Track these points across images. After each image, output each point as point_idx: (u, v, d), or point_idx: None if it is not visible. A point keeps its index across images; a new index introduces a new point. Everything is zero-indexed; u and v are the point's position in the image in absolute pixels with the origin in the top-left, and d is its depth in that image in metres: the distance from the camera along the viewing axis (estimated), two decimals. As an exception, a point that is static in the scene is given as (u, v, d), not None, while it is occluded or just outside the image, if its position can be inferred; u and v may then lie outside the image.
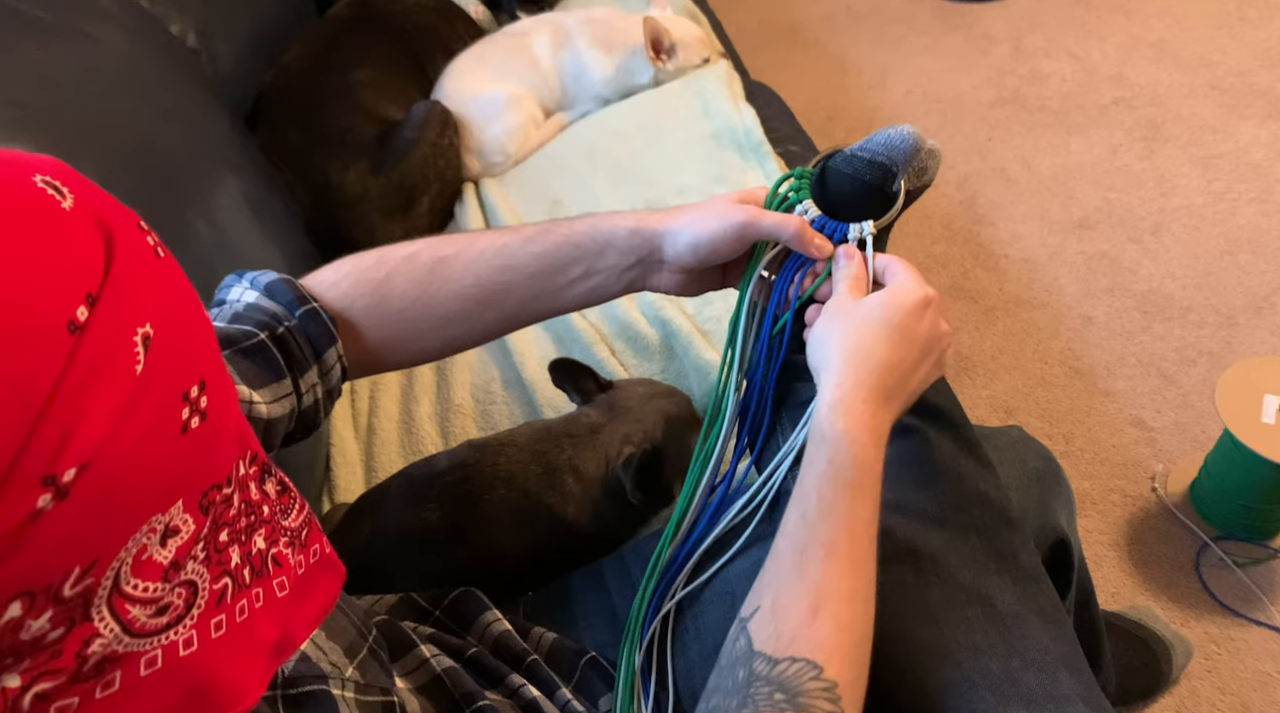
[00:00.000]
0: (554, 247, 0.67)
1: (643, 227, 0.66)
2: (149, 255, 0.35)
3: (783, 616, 0.52)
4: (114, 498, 0.32)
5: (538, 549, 0.84)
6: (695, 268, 0.66)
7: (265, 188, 1.15)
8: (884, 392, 0.57)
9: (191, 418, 0.35)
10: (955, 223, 1.82)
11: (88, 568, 0.32)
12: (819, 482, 0.55)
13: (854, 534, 0.54)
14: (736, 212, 0.64)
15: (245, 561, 0.39)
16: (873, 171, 0.63)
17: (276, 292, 0.64)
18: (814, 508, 0.54)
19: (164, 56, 1.07)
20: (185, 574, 0.36)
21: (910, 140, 0.62)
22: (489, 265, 0.67)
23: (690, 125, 1.34)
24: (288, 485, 0.45)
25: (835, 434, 0.55)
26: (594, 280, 0.67)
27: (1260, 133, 1.87)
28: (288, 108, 1.35)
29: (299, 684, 0.48)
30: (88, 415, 0.30)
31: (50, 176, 0.33)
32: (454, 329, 0.69)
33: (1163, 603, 1.23)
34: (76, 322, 0.30)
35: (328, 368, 0.65)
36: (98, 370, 0.31)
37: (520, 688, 0.63)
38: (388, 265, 0.67)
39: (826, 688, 0.49)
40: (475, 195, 1.42)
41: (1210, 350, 1.51)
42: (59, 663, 0.32)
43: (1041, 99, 2.06)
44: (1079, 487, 1.36)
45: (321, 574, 0.46)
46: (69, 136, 0.82)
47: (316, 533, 0.46)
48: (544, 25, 1.56)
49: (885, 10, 2.46)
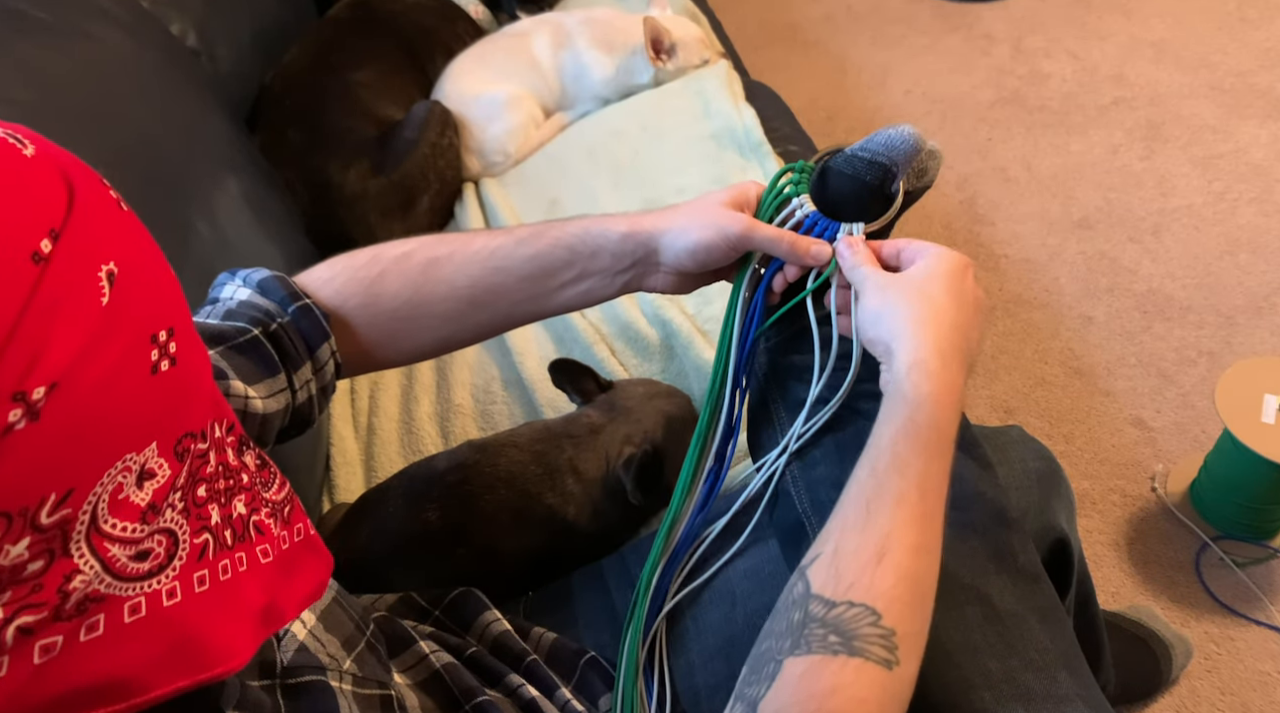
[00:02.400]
0: (546, 249, 0.67)
1: (636, 230, 0.66)
2: (112, 204, 0.37)
3: (845, 560, 0.51)
4: (85, 427, 0.33)
5: (538, 550, 0.84)
6: (693, 272, 0.67)
7: (265, 188, 1.15)
8: (958, 352, 0.57)
9: (161, 361, 0.36)
10: (955, 223, 1.82)
11: (64, 497, 0.33)
12: (896, 437, 0.54)
13: (925, 491, 0.53)
14: (732, 222, 0.63)
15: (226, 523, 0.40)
16: (872, 172, 0.63)
17: (269, 289, 0.65)
18: (887, 462, 0.53)
19: (164, 56, 1.07)
20: (164, 522, 0.37)
21: (911, 141, 0.62)
22: (482, 267, 0.67)
23: (690, 125, 1.34)
24: (267, 461, 0.46)
25: (919, 396, 0.54)
26: (587, 283, 0.67)
27: (1260, 133, 1.87)
28: (288, 108, 1.35)
29: (297, 674, 0.48)
30: (54, 339, 0.32)
31: (12, 131, 0.35)
32: (446, 329, 0.69)
33: (1163, 603, 1.23)
34: (40, 253, 0.32)
35: (321, 364, 0.66)
36: (62, 299, 0.32)
37: (519, 688, 0.63)
38: (381, 264, 0.68)
39: (884, 635, 0.48)
40: (475, 195, 1.42)
41: (1210, 350, 1.51)
42: (40, 597, 0.33)
43: (1041, 99, 2.06)
44: (1079, 487, 1.36)
45: (307, 555, 0.46)
46: (69, 136, 0.81)
47: (299, 513, 0.46)
48: (544, 25, 1.56)
49: (885, 10, 2.46)
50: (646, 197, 1.25)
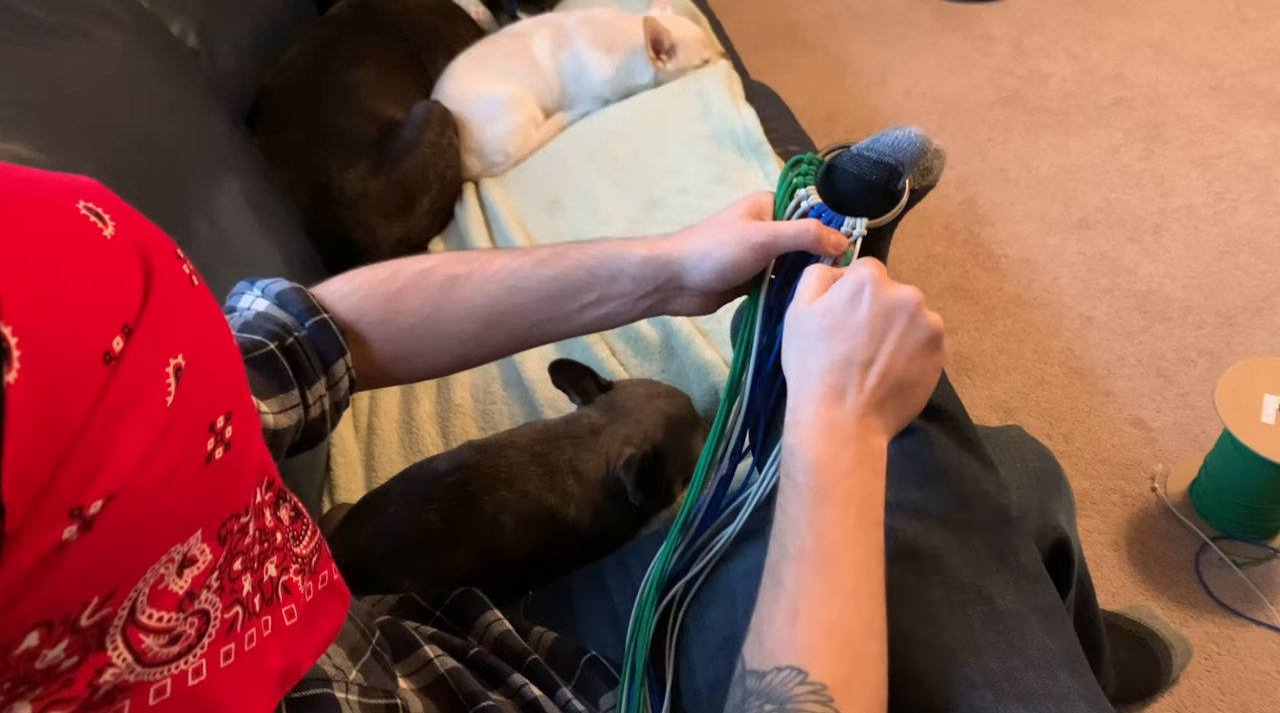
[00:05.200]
0: (565, 271, 0.66)
1: (656, 254, 0.65)
2: (185, 284, 0.35)
3: (765, 629, 0.52)
4: (137, 529, 0.31)
5: (538, 550, 0.84)
6: (720, 290, 0.65)
7: (265, 188, 1.15)
8: (834, 390, 0.56)
9: (216, 449, 0.34)
10: (955, 223, 1.82)
11: (106, 598, 0.31)
12: (784, 500, 0.55)
13: (821, 535, 0.53)
14: (754, 232, 0.62)
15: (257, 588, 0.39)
16: (878, 171, 0.63)
17: (287, 301, 0.64)
18: (783, 525, 0.54)
19: (164, 56, 1.07)
20: (199, 604, 0.36)
21: (918, 143, 0.62)
22: (501, 286, 0.66)
23: (690, 125, 1.34)
24: (301, 511, 0.45)
25: (789, 448, 0.56)
26: (607, 307, 0.66)
27: (1260, 133, 1.87)
28: (288, 108, 1.35)
29: (303, 688, 0.48)
30: (118, 447, 0.30)
31: (92, 202, 0.32)
32: (463, 348, 0.68)
33: (1163, 603, 1.23)
34: (112, 352, 0.30)
35: (335, 379, 0.65)
36: (130, 402, 0.30)
37: (522, 688, 0.63)
38: (400, 280, 0.67)
39: (815, 691, 0.48)
40: (475, 195, 1.42)
41: (1210, 350, 1.51)
42: (70, 692, 0.32)
43: (1041, 99, 2.06)
44: (1079, 487, 1.36)
45: (329, 601, 0.45)
46: (69, 136, 0.82)
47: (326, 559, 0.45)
48: (544, 26, 1.56)
49: (885, 10, 2.46)
50: (646, 197, 1.25)
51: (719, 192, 1.22)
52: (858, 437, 0.55)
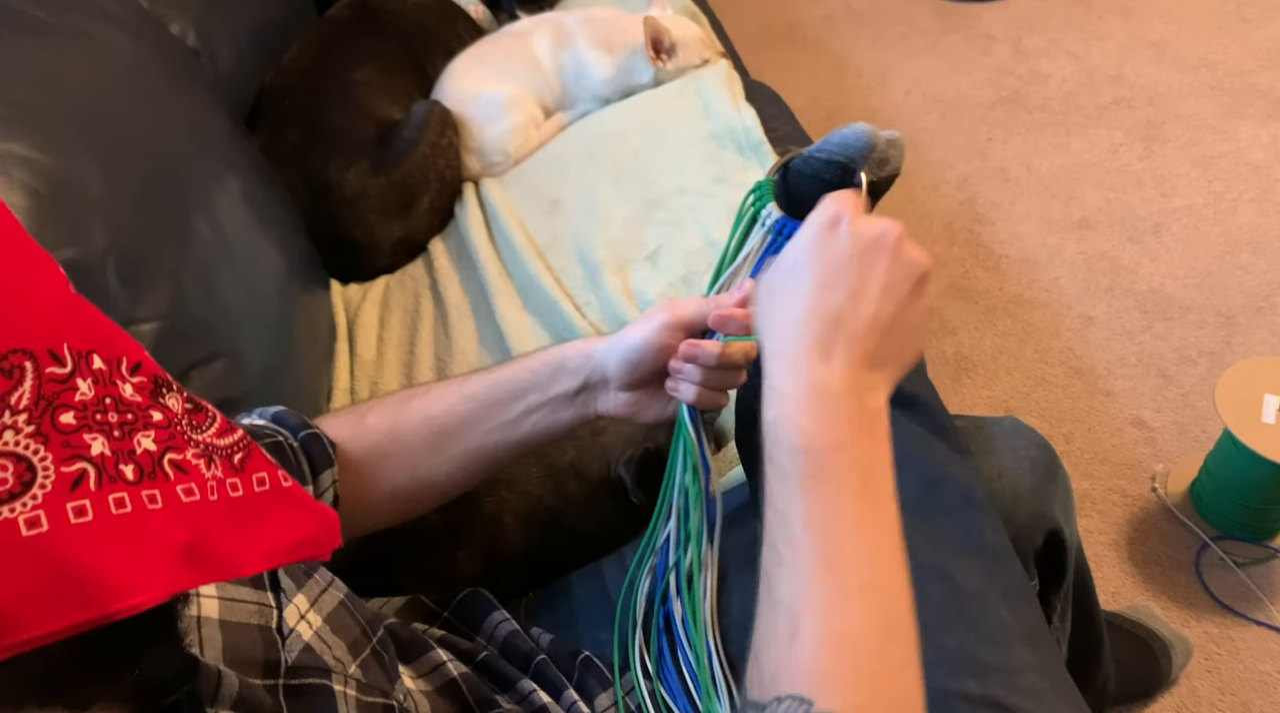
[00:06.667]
0: (511, 374, 0.67)
1: (587, 347, 0.66)
2: None
3: (763, 653, 0.45)
4: None
5: (538, 551, 0.84)
6: (636, 381, 0.64)
7: (265, 188, 1.14)
8: (819, 343, 0.49)
9: None
10: (955, 223, 1.82)
11: None
12: (768, 490, 0.48)
13: (818, 529, 0.46)
14: (658, 312, 0.63)
15: (123, 456, 0.37)
16: (830, 170, 0.64)
17: (282, 418, 0.66)
18: (770, 521, 0.47)
19: (164, 56, 1.07)
20: (6, 445, 0.34)
21: (864, 137, 0.63)
22: (455, 395, 0.68)
23: (690, 125, 1.34)
24: (201, 405, 0.43)
25: (767, 427, 0.48)
26: (546, 409, 0.66)
27: (1260, 133, 1.87)
28: (287, 108, 1.35)
29: (301, 675, 0.48)
30: None
31: None
32: (422, 464, 0.68)
33: (1162, 603, 1.23)
34: None
35: (321, 491, 0.66)
36: None
37: (531, 693, 0.63)
38: (371, 402, 0.71)
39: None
40: (475, 195, 1.41)
41: (1210, 350, 1.51)
42: None
43: (1041, 99, 2.06)
44: (1079, 487, 1.36)
45: (279, 508, 0.42)
46: (69, 136, 0.82)
47: (261, 463, 0.43)
48: (544, 25, 1.55)
49: (885, 10, 2.45)
50: (646, 196, 1.25)
51: (719, 191, 1.22)
52: (850, 397, 0.48)
